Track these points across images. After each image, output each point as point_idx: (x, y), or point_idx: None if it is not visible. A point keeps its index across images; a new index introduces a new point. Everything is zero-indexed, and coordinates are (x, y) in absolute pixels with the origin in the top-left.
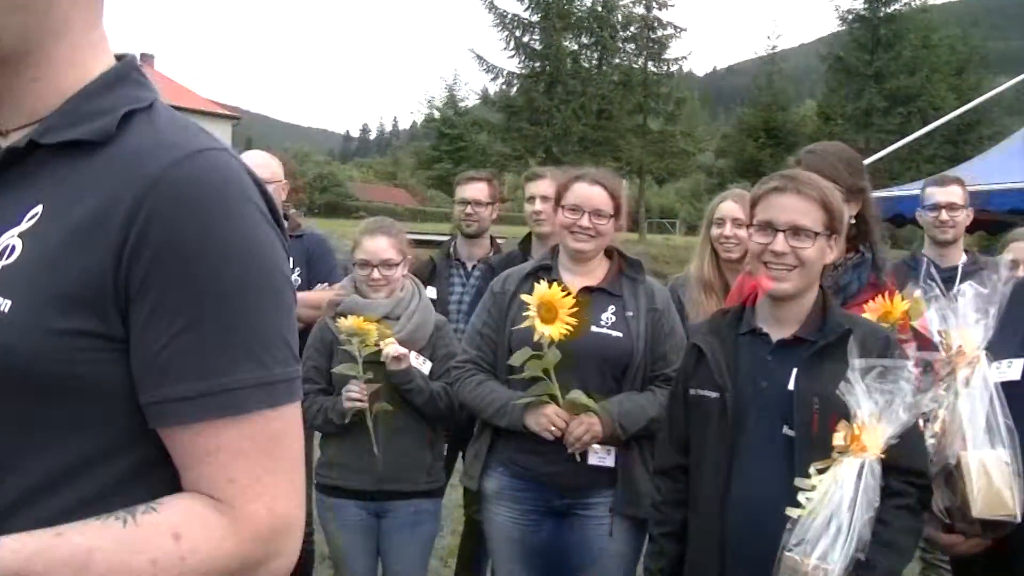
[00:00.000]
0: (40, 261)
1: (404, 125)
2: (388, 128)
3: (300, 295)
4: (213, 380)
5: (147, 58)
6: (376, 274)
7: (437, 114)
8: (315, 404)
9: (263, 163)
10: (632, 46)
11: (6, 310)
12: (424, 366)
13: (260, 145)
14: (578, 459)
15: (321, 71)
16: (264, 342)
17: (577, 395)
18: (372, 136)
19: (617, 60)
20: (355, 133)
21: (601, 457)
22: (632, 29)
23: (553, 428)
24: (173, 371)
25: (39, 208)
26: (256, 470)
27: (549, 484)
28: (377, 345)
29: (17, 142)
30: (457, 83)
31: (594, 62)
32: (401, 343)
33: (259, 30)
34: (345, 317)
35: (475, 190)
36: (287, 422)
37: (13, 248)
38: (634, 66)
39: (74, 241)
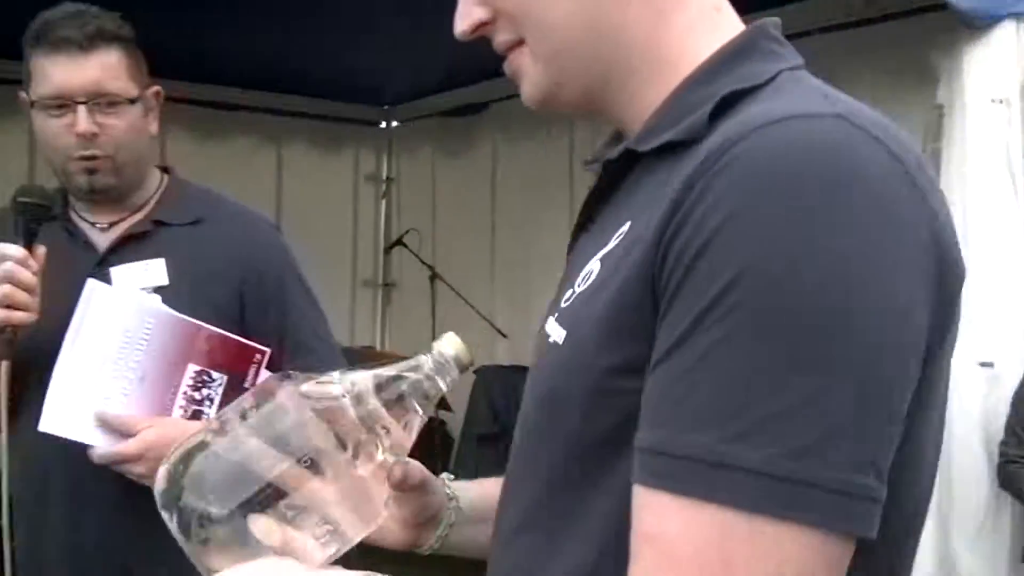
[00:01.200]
0: (590, 286)
1: None
2: None
3: None
4: (665, 432)
5: None
6: None
7: None
8: None
9: None
10: None
11: (560, 341)
12: None
13: None
14: None
15: None
16: (790, 418)
17: None
18: None
19: None
20: None
21: None
22: None
23: None
24: (646, 407)
25: (627, 225)
26: None
27: None
28: None
29: (612, 154)
30: None
31: None
32: None
33: None
34: None
35: None
36: (780, 550)
37: (591, 273)
38: None
39: (622, 254)
